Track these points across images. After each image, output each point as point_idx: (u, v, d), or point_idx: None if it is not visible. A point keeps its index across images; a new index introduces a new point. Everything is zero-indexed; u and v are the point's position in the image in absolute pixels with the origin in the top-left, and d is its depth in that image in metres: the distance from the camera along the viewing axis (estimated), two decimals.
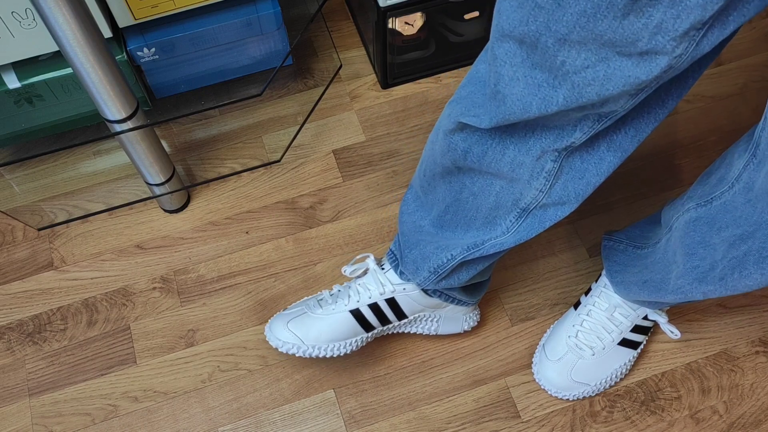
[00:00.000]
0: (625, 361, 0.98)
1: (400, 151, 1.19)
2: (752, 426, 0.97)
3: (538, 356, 0.99)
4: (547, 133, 0.65)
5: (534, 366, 1.00)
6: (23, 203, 1.15)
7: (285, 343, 0.90)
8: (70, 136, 1.19)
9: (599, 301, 0.97)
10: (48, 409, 1.00)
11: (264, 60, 1.14)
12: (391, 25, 1.12)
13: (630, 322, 0.96)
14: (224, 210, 1.14)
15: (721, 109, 1.22)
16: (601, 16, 0.50)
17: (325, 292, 0.95)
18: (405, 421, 0.98)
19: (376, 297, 0.91)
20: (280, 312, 0.96)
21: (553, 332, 1.00)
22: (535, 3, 0.53)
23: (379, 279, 0.91)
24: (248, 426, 0.99)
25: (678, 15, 0.48)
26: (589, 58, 0.53)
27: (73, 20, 0.77)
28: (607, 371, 0.97)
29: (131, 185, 1.16)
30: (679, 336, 0.95)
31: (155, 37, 1.02)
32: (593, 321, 0.97)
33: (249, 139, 1.20)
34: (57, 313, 1.06)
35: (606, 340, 0.96)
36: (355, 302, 0.91)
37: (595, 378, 0.97)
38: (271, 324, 0.93)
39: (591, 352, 0.96)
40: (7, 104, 1.01)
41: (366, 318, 0.92)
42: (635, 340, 0.97)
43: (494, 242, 0.78)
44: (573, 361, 0.96)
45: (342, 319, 0.91)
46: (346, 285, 0.94)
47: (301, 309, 0.93)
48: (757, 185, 0.68)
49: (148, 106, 1.12)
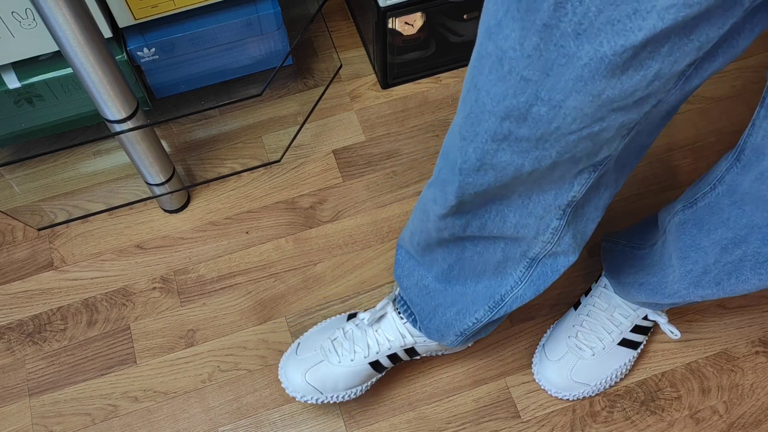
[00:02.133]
0: (625, 361, 0.98)
1: (400, 151, 1.19)
2: (752, 426, 0.97)
3: (538, 356, 1.00)
4: (546, 194, 0.63)
5: (534, 366, 1.00)
6: (23, 203, 1.15)
7: (304, 395, 0.91)
8: (70, 136, 1.19)
9: (599, 301, 0.97)
10: (48, 409, 1.00)
11: (264, 60, 1.14)
12: (391, 25, 1.12)
13: (630, 322, 0.96)
14: (224, 210, 1.14)
15: (720, 111, 1.22)
16: (600, 77, 0.47)
17: (339, 332, 0.92)
18: (405, 421, 0.98)
19: (396, 348, 0.90)
20: (293, 353, 0.93)
21: (553, 332, 1.00)
22: (521, 76, 0.50)
23: (398, 330, 0.89)
24: (248, 426, 0.99)
25: (675, 60, 0.47)
26: (584, 120, 0.51)
27: (73, 20, 0.77)
28: (607, 371, 0.97)
29: (131, 185, 1.16)
30: (679, 336, 0.95)
31: (155, 37, 1.02)
32: (593, 321, 0.97)
33: (249, 139, 1.20)
34: (57, 313, 1.06)
35: (606, 340, 0.96)
36: (374, 353, 0.90)
37: (595, 378, 0.97)
38: (286, 371, 0.92)
39: (591, 352, 0.96)
40: (7, 104, 1.01)
41: (383, 365, 0.92)
42: (635, 340, 0.97)
43: (514, 296, 0.76)
44: (573, 362, 0.96)
45: (360, 371, 0.91)
46: (362, 327, 0.91)
47: (317, 356, 0.91)
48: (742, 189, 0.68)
49: (148, 106, 1.12)
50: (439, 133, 1.21)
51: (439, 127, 1.21)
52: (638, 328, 0.97)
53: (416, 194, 1.14)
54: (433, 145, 1.19)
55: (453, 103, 1.23)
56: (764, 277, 0.69)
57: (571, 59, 0.47)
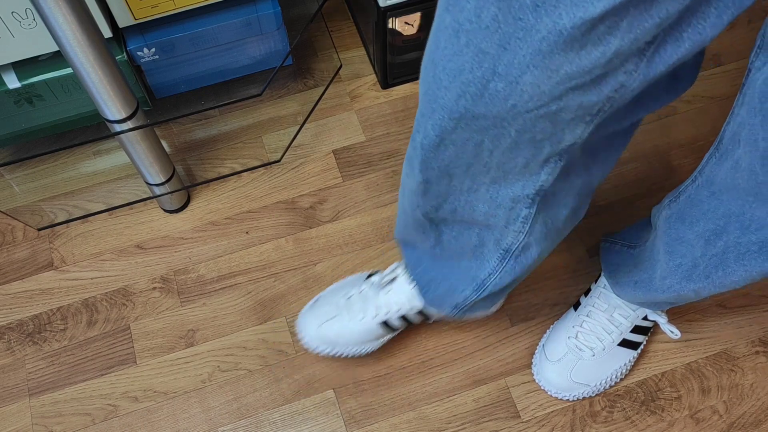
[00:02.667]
0: (625, 361, 0.98)
1: (400, 151, 1.19)
2: (752, 426, 0.97)
3: (538, 357, 1.00)
4: (513, 185, 0.63)
5: (534, 367, 1.00)
6: (23, 203, 1.15)
7: (318, 347, 0.95)
8: (70, 136, 1.19)
9: (599, 301, 0.97)
10: (48, 409, 1.00)
11: (264, 60, 1.14)
12: (391, 25, 1.12)
13: (630, 322, 0.96)
14: (224, 210, 1.14)
15: (719, 110, 1.22)
16: (558, 51, 0.46)
17: (354, 290, 0.96)
18: (405, 421, 0.98)
19: (405, 310, 0.92)
20: (311, 307, 0.98)
21: (553, 333, 1.00)
22: (478, 48, 0.48)
23: (407, 293, 0.91)
24: (248, 426, 0.99)
25: (636, 38, 0.46)
26: (542, 98, 0.50)
27: (73, 20, 0.77)
28: (607, 372, 0.97)
29: (131, 185, 1.16)
30: (679, 336, 0.95)
31: (155, 37, 1.02)
32: (593, 322, 0.97)
33: (249, 139, 1.20)
34: (57, 313, 1.06)
35: (606, 341, 0.96)
36: (384, 314, 0.92)
37: (595, 378, 0.97)
38: (303, 323, 0.97)
39: (591, 353, 0.96)
40: (7, 104, 1.01)
41: (394, 326, 0.95)
42: (635, 341, 0.97)
43: (494, 282, 0.77)
44: (573, 362, 0.96)
45: (370, 329, 0.94)
46: (374, 288, 0.94)
47: (332, 311, 0.95)
48: (719, 178, 0.69)
49: (148, 106, 1.12)
50: None
51: None
52: (638, 329, 0.97)
53: None
54: None
55: None
56: (749, 268, 0.69)
57: (529, 32, 0.46)
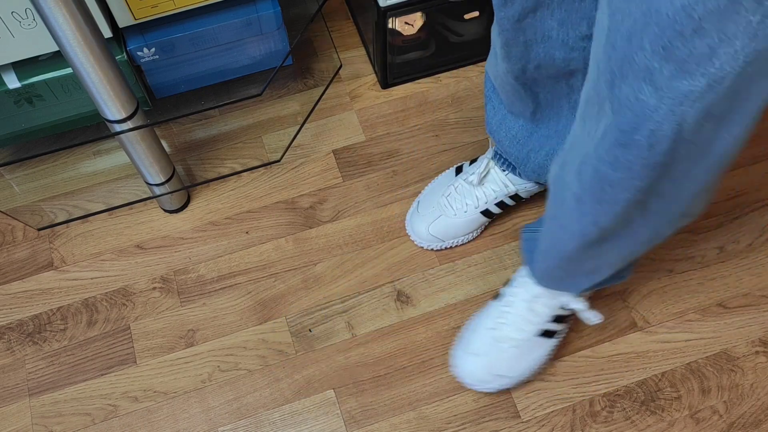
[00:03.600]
0: (545, 351, 0.96)
1: (400, 151, 1.19)
2: (752, 426, 0.97)
3: (458, 349, 0.98)
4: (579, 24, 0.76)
5: (453, 359, 0.98)
6: (23, 203, 1.15)
7: (430, 244, 1.08)
8: (70, 136, 1.19)
9: (520, 291, 0.95)
10: (48, 409, 1.00)
11: (264, 60, 1.14)
12: (391, 25, 1.12)
13: (550, 312, 0.94)
14: (224, 210, 1.14)
15: None
16: None
17: (451, 188, 1.06)
18: (405, 421, 0.98)
19: (501, 197, 1.04)
20: (416, 210, 1.09)
21: (474, 325, 0.98)
22: None
23: (501, 182, 1.03)
24: (248, 426, 0.99)
25: None
26: None
27: (73, 20, 0.77)
28: (527, 362, 0.95)
29: (131, 185, 1.16)
30: (601, 319, 0.93)
31: (155, 37, 1.02)
32: (514, 313, 0.95)
33: (249, 139, 1.20)
34: (57, 313, 1.06)
35: (526, 332, 0.94)
36: (483, 204, 1.05)
37: (514, 370, 0.95)
38: (413, 226, 1.09)
39: (511, 344, 0.94)
40: (7, 104, 1.01)
41: (493, 212, 1.07)
42: (554, 330, 0.96)
43: None
44: (493, 355, 0.95)
45: (474, 219, 1.06)
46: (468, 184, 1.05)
47: (436, 211, 1.07)
48: None
49: (148, 106, 1.12)
50: (439, 132, 1.21)
51: (439, 126, 1.21)
52: (558, 318, 0.95)
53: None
54: (433, 144, 1.19)
55: (453, 103, 1.23)
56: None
57: None
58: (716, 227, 1.11)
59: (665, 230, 0.75)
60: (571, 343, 1.03)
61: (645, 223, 0.70)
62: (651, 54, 0.50)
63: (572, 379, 1.00)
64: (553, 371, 1.01)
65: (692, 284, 1.07)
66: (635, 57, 0.51)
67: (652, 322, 1.04)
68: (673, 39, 0.48)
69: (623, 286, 1.06)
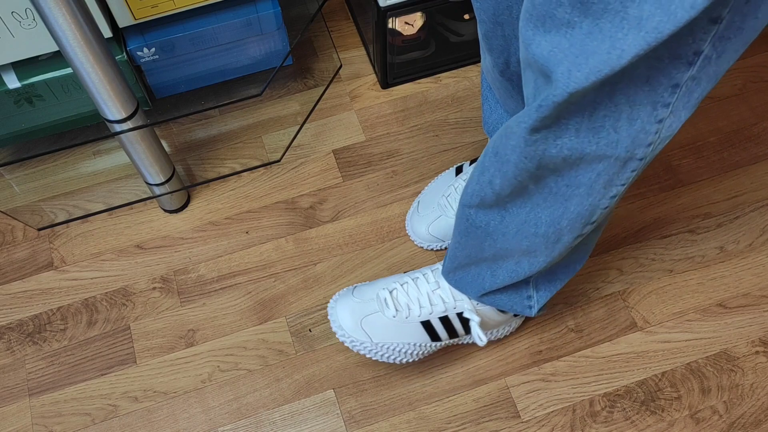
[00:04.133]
0: (417, 343, 0.92)
1: (400, 151, 1.19)
2: (752, 426, 0.97)
3: (347, 290, 0.95)
4: None
5: (335, 296, 0.94)
6: (23, 203, 1.15)
7: (429, 243, 1.06)
8: (70, 136, 1.19)
9: (431, 274, 0.93)
10: (48, 409, 1.00)
11: (264, 60, 1.14)
12: (391, 25, 1.12)
13: (444, 308, 0.91)
14: (224, 210, 1.14)
15: (720, 110, 1.22)
16: None
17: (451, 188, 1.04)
18: (405, 421, 0.98)
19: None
20: (416, 211, 1.07)
21: (377, 280, 0.96)
22: None
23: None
24: (248, 426, 0.99)
25: None
26: None
27: (73, 20, 0.77)
28: (395, 339, 0.91)
29: (131, 185, 1.16)
30: (485, 342, 0.90)
31: (155, 37, 1.02)
32: (415, 289, 0.92)
33: (249, 139, 1.20)
34: (57, 313, 1.06)
35: (414, 312, 0.91)
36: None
37: (381, 337, 0.91)
38: (412, 226, 1.06)
39: (394, 312, 0.91)
40: (7, 104, 1.01)
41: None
42: (437, 331, 0.92)
43: None
44: (372, 310, 0.91)
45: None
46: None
47: (436, 212, 1.04)
48: None
49: (148, 106, 1.12)
50: (439, 132, 1.21)
51: (439, 126, 1.21)
52: (447, 322, 0.92)
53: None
54: (433, 144, 1.19)
55: (453, 103, 1.23)
56: None
57: None
58: (716, 227, 1.11)
59: (566, 233, 0.71)
60: (571, 343, 1.03)
61: (543, 202, 0.68)
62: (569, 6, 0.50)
63: (572, 379, 1.00)
64: (553, 371, 1.01)
65: (692, 284, 1.07)
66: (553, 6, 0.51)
67: (652, 322, 1.04)
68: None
69: (623, 286, 1.07)
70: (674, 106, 0.57)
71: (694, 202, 1.14)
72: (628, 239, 1.11)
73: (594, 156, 0.61)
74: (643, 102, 0.56)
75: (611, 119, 0.57)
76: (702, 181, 1.16)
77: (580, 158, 0.61)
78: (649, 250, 1.10)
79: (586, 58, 0.51)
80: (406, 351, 0.92)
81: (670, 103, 0.56)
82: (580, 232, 0.72)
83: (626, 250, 1.10)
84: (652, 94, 0.56)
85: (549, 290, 0.88)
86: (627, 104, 0.56)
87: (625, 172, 0.63)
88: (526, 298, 0.88)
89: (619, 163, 0.61)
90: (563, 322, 1.05)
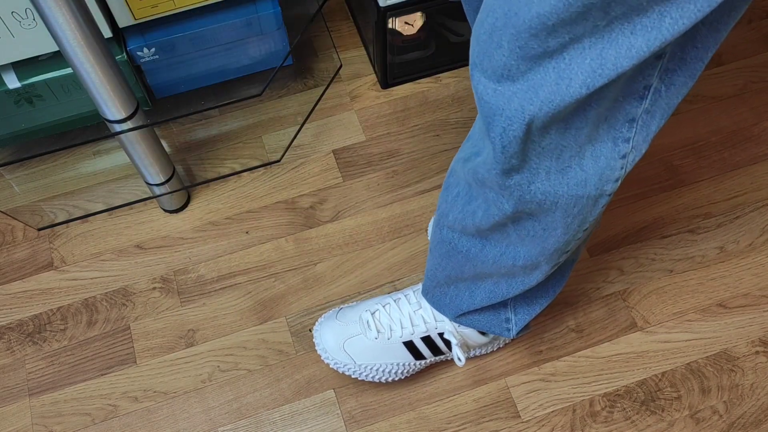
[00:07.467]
0: (401, 362, 0.94)
1: (400, 151, 1.19)
2: (752, 426, 0.97)
3: (331, 313, 0.97)
4: None
5: (321, 319, 0.97)
6: (23, 203, 1.15)
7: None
8: (70, 136, 1.19)
9: (412, 295, 0.95)
10: (48, 409, 1.00)
11: (264, 60, 1.14)
12: (391, 25, 1.12)
13: (425, 328, 0.93)
14: (224, 210, 1.14)
15: (720, 110, 1.22)
16: None
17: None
18: (405, 421, 0.98)
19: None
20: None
21: (361, 302, 0.98)
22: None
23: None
24: (248, 426, 0.99)
25: None
26: None
27: (73, 20, 0.77)
28: (378, 360, 0.93)
29: (131, 185, 1.16)
30: (463, 363, 0.91)
31: (155, 37, 1.02)
32: (397, 311, 0.94)
33: (249, 139, 1.20)
34: (57, 313, 1.06)
35: (396, 334, 0.93)
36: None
37: (363, 359, 0.93)
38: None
39: (376, 334, 0.92)
40: (7, 104, 1.01)
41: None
42: (420, 350, 0.94)
43: None
44: (354, 333, 0.93)
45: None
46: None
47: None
48: None
49: (148, 106, 1.12)
50: (439, 132, 1.21)
51: (439, 126, 1.21)
52: (429, 341, 0.94)
53: (416, 194, 1.14)
54: (433, 144, 1.19)
55: (453, 103, 1.23)
56: None
57: None
58: (716, 227, 1.11)
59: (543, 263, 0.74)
60: (571, 343, 1.03)
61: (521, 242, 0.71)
62: (508, 52, 0.51)
63: (572, 379, 1.00)
64: (553, 371, 1.01)
65: (692, 284, 1.07)
66: (494, 53, 0.52)
67: (652, 322, 1.04)
68: (528, 40, 0.49)
69: (623, 286, 1.07)
70: (634, 140, 0.60)
71: (694, 202, 1.14)
72: (629, 239, 1.11)
73: (567, 198, 0.63)
74: (603, 138, 0.59)
75: (577, 158, 0.60)
76: (702, 181, 1.16)
77: (554, 203, 0.64)
78: (649, 250, 1.10)
79: (536, 92, 0.53)
80: (390, 371, 0.94)
81: (630, 138, 0.59)
82: (557, 260, 0.75)
83: (626, 250, 1.10)
84: (611, 131, 0.59)
85: (528, 313, 0.89)
86: (588, 142, 0.59)
87: (597, 208, 0.66)
88: (504, 320, 0.89)
89: (591, 202, 0.65)
90: (563, 322, 1.05)
